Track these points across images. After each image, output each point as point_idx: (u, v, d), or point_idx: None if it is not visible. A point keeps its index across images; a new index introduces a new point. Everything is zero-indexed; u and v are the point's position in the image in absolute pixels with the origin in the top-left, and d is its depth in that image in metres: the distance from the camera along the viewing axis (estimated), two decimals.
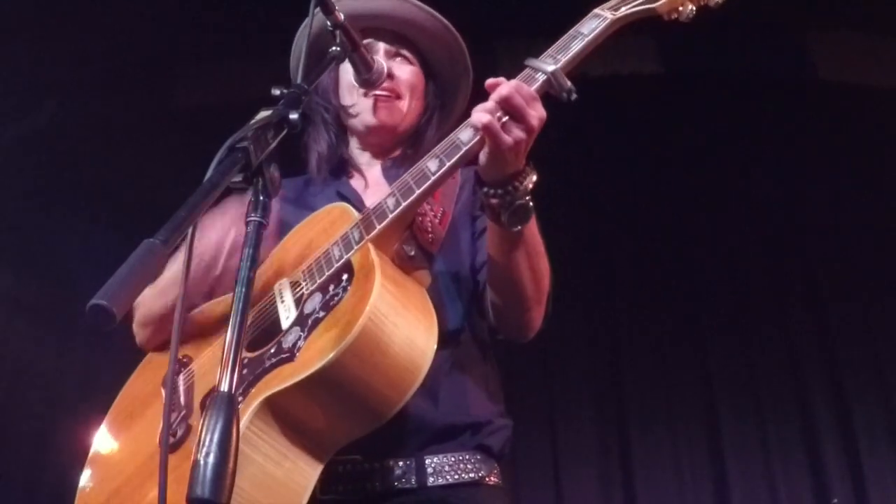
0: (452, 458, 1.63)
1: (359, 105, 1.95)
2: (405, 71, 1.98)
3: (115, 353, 1.92)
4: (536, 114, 1.49)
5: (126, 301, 0.97)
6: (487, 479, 1.67)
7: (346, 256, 1.55)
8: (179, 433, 1.60)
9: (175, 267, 1.57)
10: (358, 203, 1.87)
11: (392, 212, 1.55)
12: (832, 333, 5.15)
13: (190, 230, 1.12)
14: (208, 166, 1.19)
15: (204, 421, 1.03)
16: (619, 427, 5.14)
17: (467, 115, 1.56)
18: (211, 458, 0.99)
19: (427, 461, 1.61)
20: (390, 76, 1.92)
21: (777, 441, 4.96)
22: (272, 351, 1.51)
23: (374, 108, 1.93)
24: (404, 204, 1.54)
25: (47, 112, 4.90)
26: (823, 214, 5.25)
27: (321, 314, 1.48)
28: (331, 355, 1.36)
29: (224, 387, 1.06)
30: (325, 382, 1.38)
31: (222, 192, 1.17)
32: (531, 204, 1.56)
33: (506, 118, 1.48)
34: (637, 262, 5.43)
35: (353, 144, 2.06)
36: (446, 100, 2.07)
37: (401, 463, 1.60)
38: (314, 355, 1.40)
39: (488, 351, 1.85)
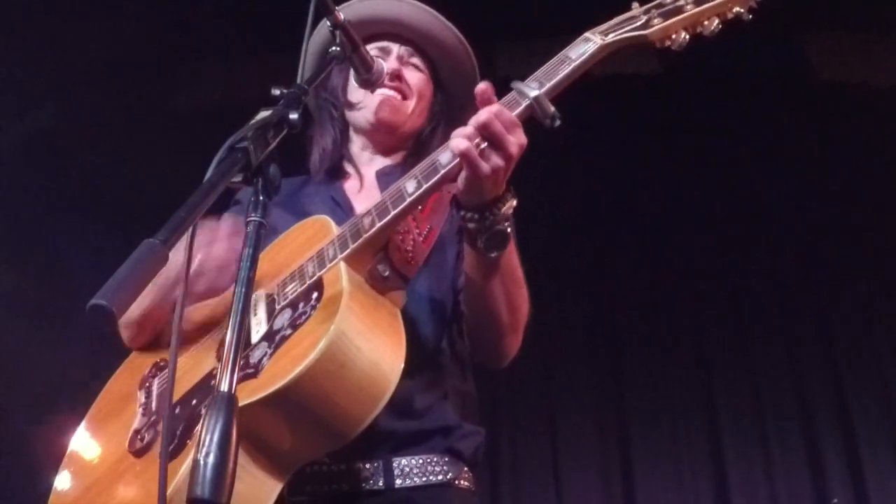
0: (420, 460, 1.63)
1: (365, 101, 1.97)
2: (414, 76, 2.00)
3: (116, 352, 1.92)
4: (516, 140, 1.45)
5: (126, 301, 0.98)
6: (457, 481, 1.66)
7: (318, 274, 1.53)
8: (147, 438, 1.60)
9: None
10: (348, 210, 1.88)
11: (367, 231, 1.52)
12: (832, 333, 5.15)
13: (190, 230, 1.12)
14: (208, 166, 1.19)
15: (204, 421, 1.03)
16: (619, 426, 5.13)
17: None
18: (211, 459, 0.99)
19: (395, 463, 1.61)
20: (399, 77, 1.96)
21: (777, 441, 4.95)
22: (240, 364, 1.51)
23: (380, 105, 1.95)
24: (379, 224, 1.51)
25: (47, 112, 4.90)
26: (823, 214, 5.25)
27: (288, 332, 1.47)
28: (290, 376, 1.34)
29: (224, 387, 1.06)
30: (284, 402, 1.35)
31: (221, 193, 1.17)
32: (510, 230, 1.54)
33: (485, 144, 1.44)
34: (637, 261, 5.43)
35: (356, 144, 2.06)
36: (454, 114, 2.05)
37: (368, 465, 1.59)
38: (276, 374, 1.38)
39: (468, 370, 1.84)
